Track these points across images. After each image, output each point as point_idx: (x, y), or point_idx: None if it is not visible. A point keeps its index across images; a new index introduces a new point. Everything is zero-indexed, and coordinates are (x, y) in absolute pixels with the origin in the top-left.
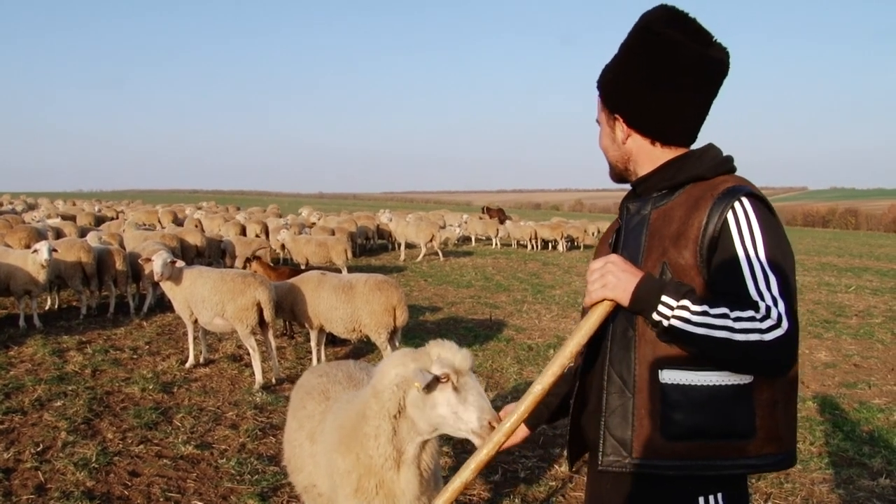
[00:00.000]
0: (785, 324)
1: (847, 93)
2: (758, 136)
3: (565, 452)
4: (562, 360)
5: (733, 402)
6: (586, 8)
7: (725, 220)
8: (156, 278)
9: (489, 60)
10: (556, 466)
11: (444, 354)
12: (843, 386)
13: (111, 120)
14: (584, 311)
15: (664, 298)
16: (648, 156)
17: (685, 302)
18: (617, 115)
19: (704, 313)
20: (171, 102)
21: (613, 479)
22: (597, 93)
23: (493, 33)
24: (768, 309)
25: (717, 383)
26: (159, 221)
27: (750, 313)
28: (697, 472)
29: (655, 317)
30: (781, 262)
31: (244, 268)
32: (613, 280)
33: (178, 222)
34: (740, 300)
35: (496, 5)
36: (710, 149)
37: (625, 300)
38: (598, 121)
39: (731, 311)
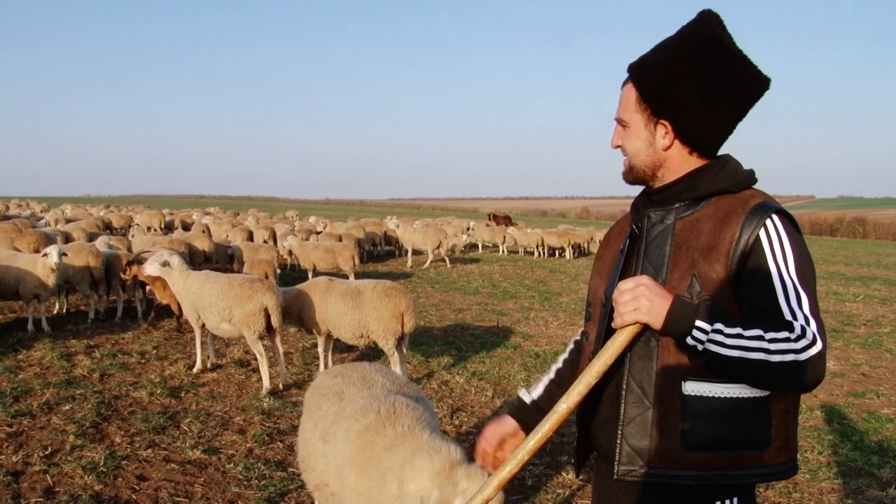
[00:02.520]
0: (819, 343)
1: (856, 101)
2: (766, 143)
3: (573, 460)
4: (588, 379)
5: (753, 414)
6: (585, 11)
7: (758, 237)
8: (146, 271)
9: (496, 68)
10: (564, 474)
11: (470, 489)
12: (851, 395)
13: (120, 125)
14: (610, 332)
15: (698, 323)
16: (681, 164)
17: (719, 325)
18: (664, 121)
19: (739, 336)
20: (180, 108)
21: (626, 486)
22: (623, 92)
23: (498, 41)
24: (803, 329)
25: (740, 395)
26: (161, 226)
27: (784, 334)
28: (714, 481)
29: (690, 341)
30: (810, 281)
31: (124, 272)
32: (647, 304)
33: (185, 227)
34: (772, 318)
35: (502, 12)
36: (731, 160)
37: (658, 324)
38: (620, 120)
39: (766, 332)
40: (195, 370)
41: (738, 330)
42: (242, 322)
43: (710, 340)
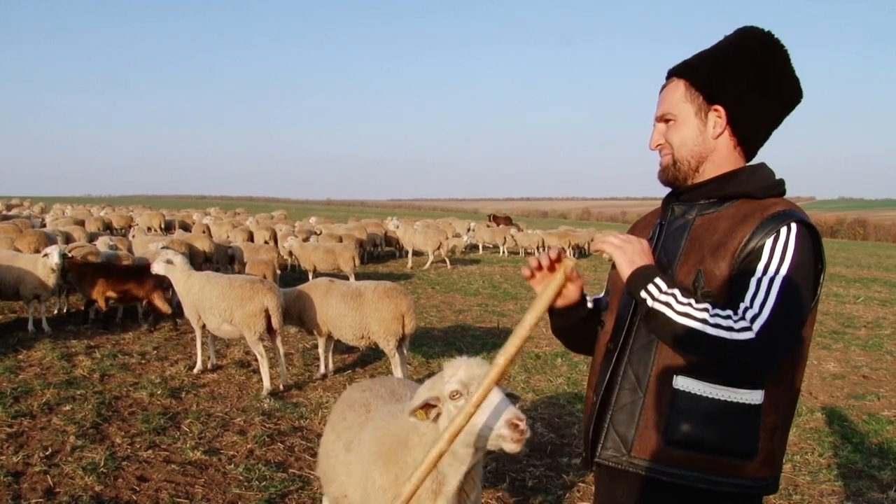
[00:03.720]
0: (752, 333)
1: (856, 101)
2: (766, 144)
3: (579, 459)
4: (524, 332)
5: (740, 421)
6: (585, 11)
7: (764, 243)
8: (153, 269)
9: (496, 68)
10: (564, 475)
11: (449, 372)
12: (851, 397)
13: (120, 125)
14: (628, 322)
15: (657, 281)
16: (725, 159)
17: (675, 291)
18: (717, 107)
19: (689, 304)
20: (180, 108)
21: (629, 486)
22: (664, 92)
23: (499, 41)
24: (745, 311)
25: (728, 399)
26: (161, 226)
27: (728, 312)
28: (691, 483)
29: (643, 294)
30: (795, 288)
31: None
32: (630, 250)
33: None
34: (730, 304)
35: (504, 13)
36: (763, 168)
37: (625, 270)
38: (664, 116)
39: (713, 308)
40: (196, 371)
41: (690, 300)
42: (243, 323)
43: (660, 301)
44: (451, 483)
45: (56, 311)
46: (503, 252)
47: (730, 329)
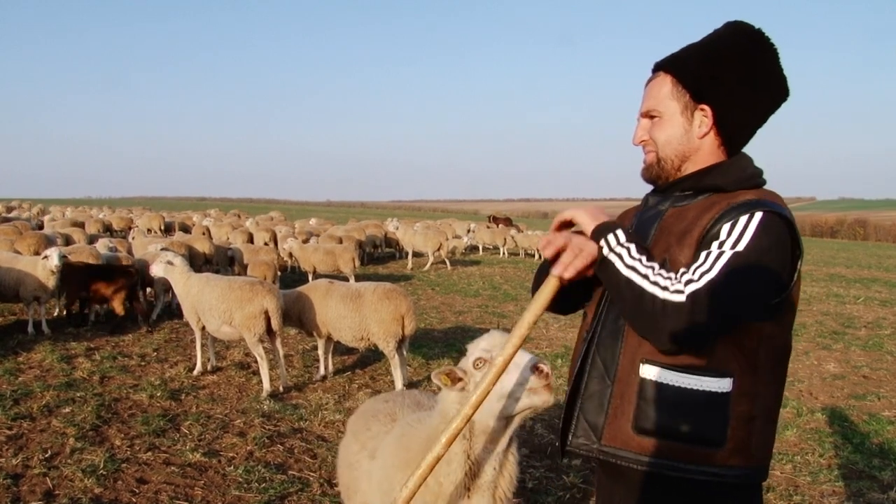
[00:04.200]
0: (685, 292)
1: (857, 101)
2: (766, 145)
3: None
4: (522, 331)
5: (706, 409)
6: (586, 13)
7: (724, 225)
8: (152, 271)
9: (496, 68)
10: (565, 477)
11: (471, 347)
12: (852, 398)
13: (120, 126)
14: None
15: (617, 233)
16: (706, 159)
17: (630, 245)
18: (704, 106)
19: (639, 261)
20: (180, 109)
21: (626, 486)
22: (650, 86)
23: (499, 42)
24: (682, 275)
25: (692, 387)
26: (161, 228)
27: (670, 275)
28: (662, 471)
29: (601, 242)
30: (743, 268)
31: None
32: (594, 211)
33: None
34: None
35: (504, 14)
36: (741, 160)
37: (589, 225)
38: (649, 112)
39: (660, 269)
40: (195, 373)
41: (642, 257)
42: (243, 325)
43: (615, 252)
44: (487, 473)
45: (56, 314)
46: (503, 253)
47: (665, 289)
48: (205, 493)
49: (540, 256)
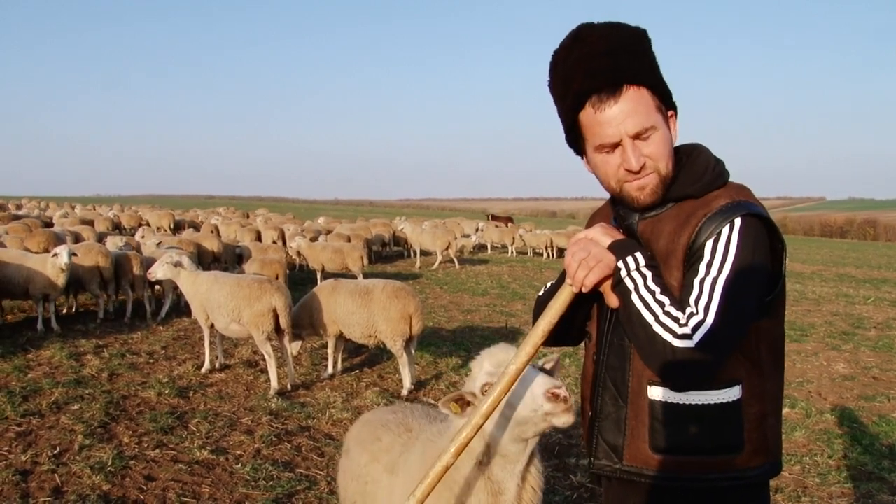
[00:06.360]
0: (695, 340)
1: (866, 101)
2: (775, 145)
3: (586, 461)
4: (535, 339)
5: (720, 420)
6: (585, 13)
7: (707, 241)
8: (156, 274)
9: (502, 66)
10: (572, 476)
11: (475, 369)
12: (861, 399)
13: (128, 126)
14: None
15: (637, 255)
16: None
17: (648, 273)
18: (672, 112)
19: (653, 292)
20: (188, 108)
21: (642, 497)
22: (628, 102)
23: (505, 40)
24: (690, 317)
25: (704, 402)
26: (170, 226)
27: (679, 315)
28: (687, 484)
29: (620, 264)
30: (738, 291)
31: None
32: (603, 230)
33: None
34: (682, 305)
35: (509, 12)
36: (700, 155)
37: (605, 241)
38: (643, 132)
39: (669, 305)
40: (203, 370)
41: (657, 288)
42: (251, 322)
43: (631, 277)
44: (510, 490)
45: (65, 311)
46: (512, 252)
47: (673, 334)
48: (212, 490)
49: (549, 255)
